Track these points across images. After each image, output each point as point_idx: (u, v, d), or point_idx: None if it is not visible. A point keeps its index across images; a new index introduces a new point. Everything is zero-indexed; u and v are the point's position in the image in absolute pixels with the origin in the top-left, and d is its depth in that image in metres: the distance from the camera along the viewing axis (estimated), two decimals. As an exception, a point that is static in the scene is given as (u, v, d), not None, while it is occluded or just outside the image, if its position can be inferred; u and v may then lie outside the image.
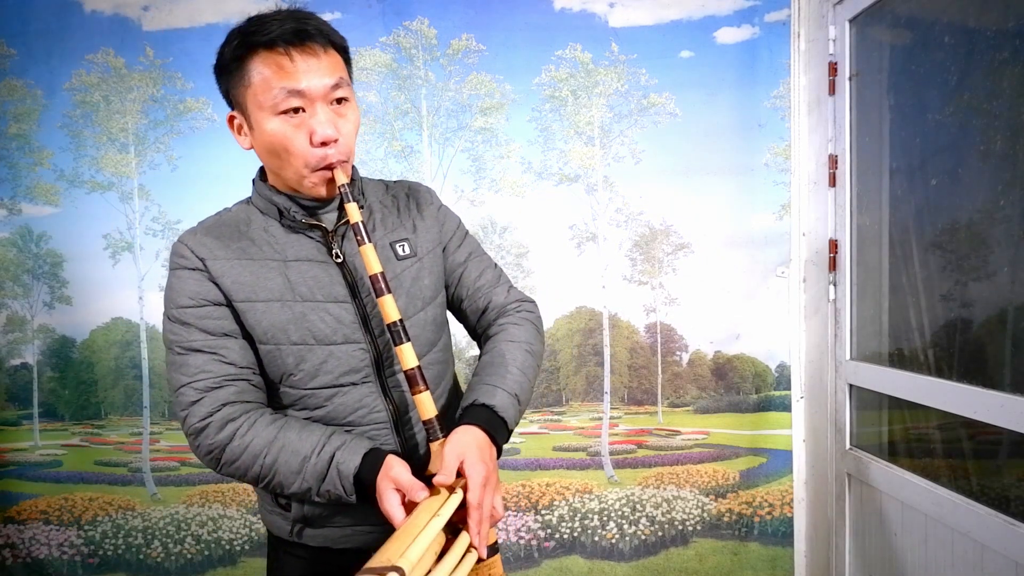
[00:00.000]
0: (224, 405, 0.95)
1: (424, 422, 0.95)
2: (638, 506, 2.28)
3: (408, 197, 1.13)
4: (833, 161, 1.97)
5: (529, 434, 2.31)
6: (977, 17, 1.50)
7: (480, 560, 0.88)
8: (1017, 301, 1.38)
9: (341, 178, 0.96)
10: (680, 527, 2.28)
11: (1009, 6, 1.39)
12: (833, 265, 1.99)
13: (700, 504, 2.28)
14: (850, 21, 1.90)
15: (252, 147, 1.01)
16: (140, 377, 2.34)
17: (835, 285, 1.99)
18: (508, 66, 2.24)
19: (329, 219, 1.03)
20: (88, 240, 2.31)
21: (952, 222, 1.58)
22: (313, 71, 0.93)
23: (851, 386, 1.93)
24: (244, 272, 0.98)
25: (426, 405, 0.94)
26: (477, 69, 2.25)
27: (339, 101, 0.97)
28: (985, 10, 1.47)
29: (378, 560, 0.72)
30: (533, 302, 1.17)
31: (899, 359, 1.76)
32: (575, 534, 2.29)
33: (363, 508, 0.93)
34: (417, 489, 0.87)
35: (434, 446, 0.95)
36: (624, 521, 2.28)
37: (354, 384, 1.01)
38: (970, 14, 1.53)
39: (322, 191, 0.99)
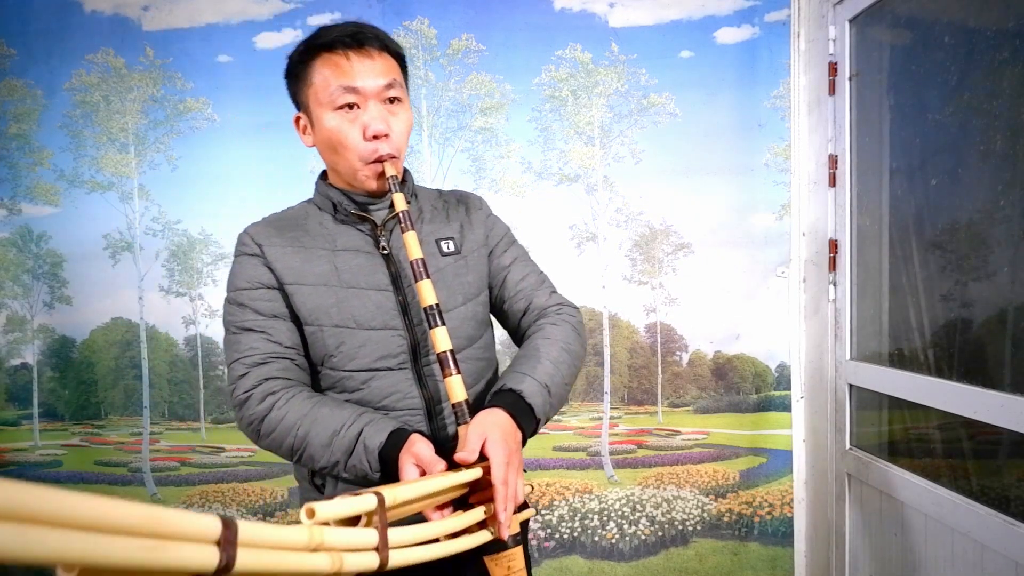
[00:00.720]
0: (267, 380, 1.01)
1: (453, 404, 0.97)
2: (638, 506, 2.28)
3: (458, 202, 1.19)
4: (833, 161, 1.97)
5: (529, 434, 2.31)
6: (977, 17, 1.50)
7: (501, 546, 0.90)
8: (1017, 301, 1.38)
9: (390, 171, 1.03)
10: (680, 527, 2.28)
11: (1009, 6, 1.39)
12: (833, 265, 1.99)
13: (700, 504, 2.28)
14: (850, 21, 1.90)
15: (314, 144, 1.11)
16: (140, 377, 2.34)
17: (835, 285, 1.99)
18: (508, 66, 2.24)
19: (379, 215, 1.10)
20: (88, 240, 2.31)
21: (952, 222, 1.58)
22: (368, 71, 1.02)
23: (851, 386, 1.93)
24: (295, 258, 1.06)
25: (456, 388, 0.97)
26: (477, 69, 2.25)
27: (392, 100, 1.05)
28: (985, 10, 1.47)
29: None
30: (575, 307, 1.18)
31: (899, 359, 1.76)
32: (575, 534, 2.29)
33: None
34: (436, 464, 0.89)
35: (461, 430, 0.97)
36: (624, 521, 2.28)
37: (390, 369, 1.05)
38: (970, 14, 1.53)
39: (373, 184, 1.06)
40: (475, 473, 0.88)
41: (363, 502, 0.68)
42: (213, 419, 2.35)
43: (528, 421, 0.97)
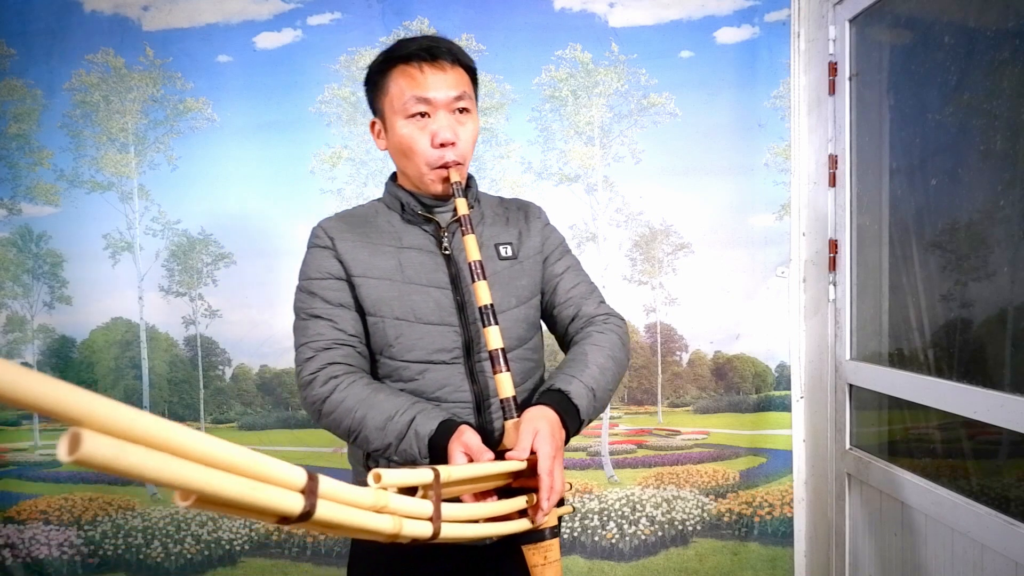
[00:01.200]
0: (330, 364, 1.08)
1: (501, 400, 1.03)
2: (638, 506, 2.28)
3: (519, 210, 1.25)
4: (833, 161, 1.97)
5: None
6: (977, 17, 1.50)
7: (540, 536, 0.98)
8: (1017, 301, 1.38)
9: (455, 176, 1.10)
10: (680, 527, 2.28)
11: (1009, 6, 1.39)
12: (833, 265, 1.99)
13: (700, 504, 2.28)
14: (850, 21, 1.90)
15: (386, 148, 1.18)
16: (140, 377, 2.34)
17: (835, 285, 1.99)
18: (508, 66, 2.24)
19: (443, 217, 1.16)
20: (88, 240, 2.31)
21: (952, 222, 1.58)
22: (439, 83, 1.09)
23: (851, 386, 1.93)
24: (363, 252, 1.13)
25: (505, 385, 1.03)
26: (477, 69, 2.24)
27: (461, 111, 1.12)
28: (985, 10, 1.47)
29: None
30: (622, 319, 1.22)
31: (899, 359, 1.76)
32: (575, 534, 2.29)
33: None
34: (483, 453, 0.95)
35: (508, 424, 1.03)
36: (624, 521, 2.28)
37: (444, 363, 1.12)
38: (970, 14, 1.53)
39: (438, 188, 1.13)
40: (521, 464, 0.94)
41: (421, 474, 0.75)
42: (213, 419, 2.35)
43: (573, 421, 1.02)
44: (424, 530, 0.72)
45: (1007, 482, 1.44)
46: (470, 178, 1.21)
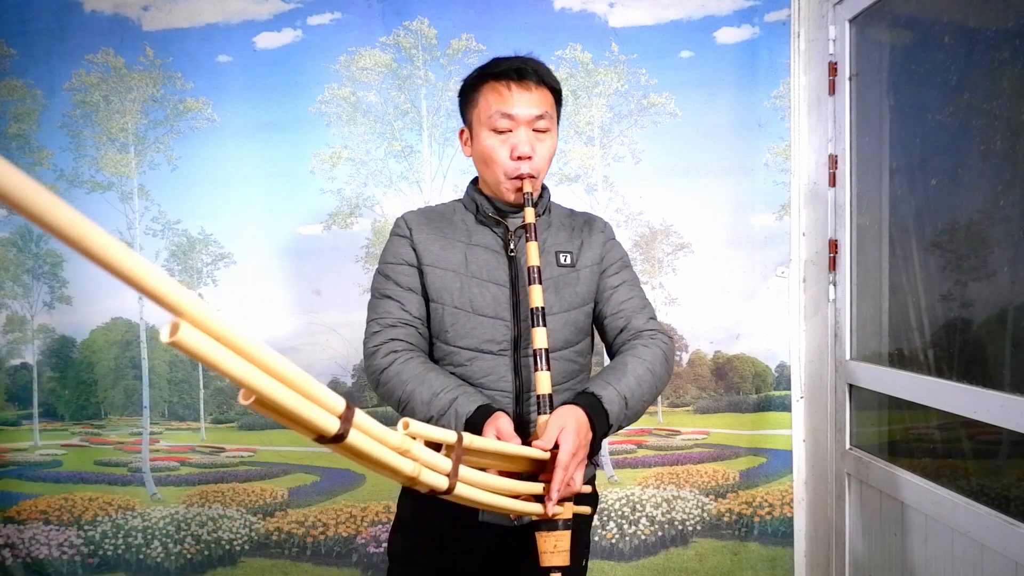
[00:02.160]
0: (393, 340, 1.20)
1: (538, 395, 1.10)
2: (638, 506, 2.28)
3: (585, 223, 1.33)
4: (833, 161, 1.97)
5: (529, 434, 2.31)
6: (977, 17, 1.50)
7: (552, 525, 1.04)
8: (1017, 301, 1.38)
9: (527, 187, 1.19)
10: (680, 527, 2.28)
11: (1009, 6, 1.39)
12: (833, 265, 1.99)
13: (700, 504, 2.28)
14: (850, 21, 1.90)
15: (471, 155, 1.28)
16: (140, 377, 2.34)
17: (835, 285, 1.99)
18: (508, 66, 2.24)
19: (513, 222, 1.26)
20: (88, 240, 2.31)
21: (952, 222, 1.58)
22: (524, 102, 1.19)
23: (851, 386, 1.93)
24: (436, 244, 1.24)
25: (543, 382, 1.10)
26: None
27: (540, 130, 1.21)
28: (985, 10, 1.47)
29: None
30: (669, 336, 1.27)
31: (899, 359, 1.76)
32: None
33: None
34: (513, 439, 1.02)
35: (541, 419, 1.10)
36: (624, 521, 2.28)
37: (492, 353, 1.21)
38: (970, 14, 1.53)
39: (512, 196, 1.23)
40: (545, 454, 1.01)
41: (446, 434, 0.83)
42: (213, 419, 2.35)
43: (601, 424, 1.08)
44: (440, 482, 0.80)
45: (1007, 482, 1.44)
46: (544, 189, 1.30)
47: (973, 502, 1.45)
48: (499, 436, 1.03)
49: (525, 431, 1.16)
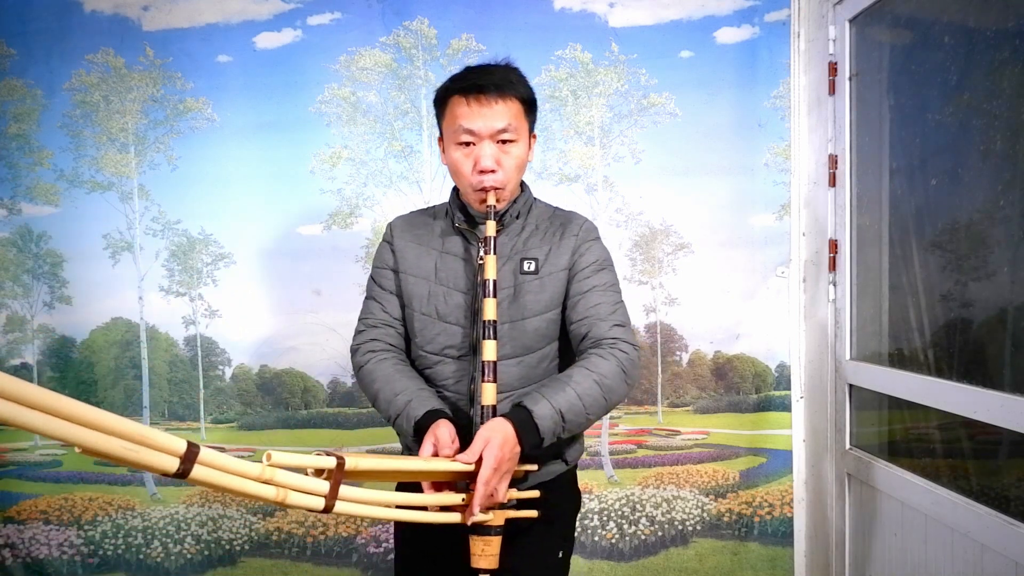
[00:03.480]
0: (373, 340, 1.30)
1: (482, 406, 1.15)
2: (638, 506, 2.28)
3: (560, 226, 1.31)
4: (833, 161, 1.97)
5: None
6: (977, 17, 1.50)
7: (485, 530, 1.10)
8: (1017, 301, 1.38)
9: (491, 199, 1.22)
10: (680, 527, 2.28)
11: (1009, 6, 1.39)
12: (833, 265, 1.99)
13: (700, 504, 2.28)
14: (850, 21, 1.90)
15: (446, 163, 1.29)
16: (140, 377, 2.34)
17: (835, 285, 1.99)
18: (508, 66, 2.24)
19: (483, 230, 1.26)
20: (88, 240, 2.31)
21: (952, 222, 1.58)
22: (484, 116, 1.20)
23: (851, 386, 1.93)
24: (413, 251, 1.31)
25: (488, 394, 1.15)
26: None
27: (505, 141, 1.22)
28: (985, 10, 1.47)
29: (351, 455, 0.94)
30: (632, 345, 1.22)
31: (899, 359, 1.76)
32: (575, 534, 2.29)
33: None
34: (446, 447, 1.09)
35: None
36: (624, 521, 2.28)
37: (453, 358, 1.27)
38: (970, 14, 1.53)
39: (479, 207, 1.25)
40: (468, 467, 1.05)
41: (320, 461, 0.88)
42: (213, 419, 2.35)
43: (530, 438, 1.09)
44: (315, 503, 0.86)
45: (1007, 482, 1.44)
46: (523, 191, 1.33)
47: (973, 502, 1.45)
48: (436, 444, 1.09)
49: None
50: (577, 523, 2.28)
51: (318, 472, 0.89)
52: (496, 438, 1.05)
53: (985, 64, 1.46)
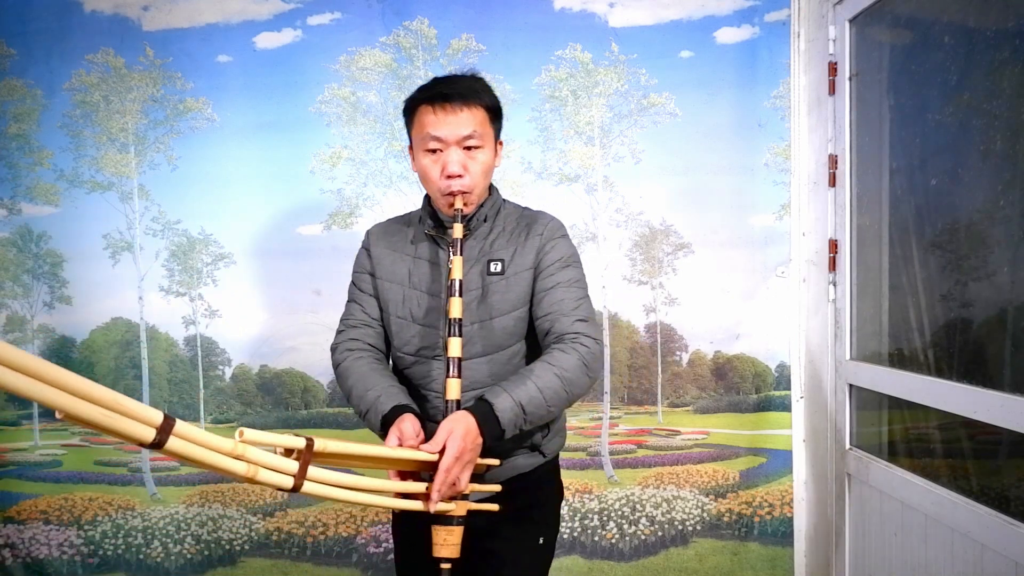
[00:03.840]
0: (351, 339, 1.37)
1: (447, 401, 1.19)
2: (638, 506, 2.28)
3: (526, 227, 1.35)
4: (833, 161, 1.97)
5: (529, 434, 2.31)
6: (977, 17, 1.50)
7: (448, 520, 1.14)
8: (1017, 301, 1.38)
9: (458, 203, 1.27)
10: (680, 527, 2.28)
11: (1009, 6, 1.39)
12: (833, 265, 1.99)
13: (700, 504, 2.28)
14: (850, 21, 1.90)
15: (416, 171, 1.34)
16: (140, 377, 2.34)
17: (835, 285, 1.99)
18: (508, 66, 2.24)
19: (451, 233, 1.29)
20: (88, 240, 2.31)
21: (952, 222, 1.58)
22: (450, 124, 1.25)
23: (851, 386, 1.93)
24: (388, 257, 1.38)
25: (453, 389, 1.19)
26: (477, 69, 2.24)
27: (471, 148, 1.27)
28: (985, 10, 1.47)
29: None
30: (594, 340, 1.26)
31: (899, 359, 1.76)
32: (575, 534, 2.29)
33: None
34: (410, 439, 1.13)
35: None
36: (624, 521, 2.28)
37: (428, 358, 1.33)
38: (970, 14, 1.53)
39: (447, 211, 1.30)
40: (431, 457, 1.09)
41: (290, 440, 0.91)
42: (213, 419, 2.35)
43: (491, 430, 1.14)
44: (283, 481, 0.89)
45: (1007, 482, 1.44)
46: (492, 194, 1.37)
47: (973, 502, 1.45)
48: (401, 437, 1.14)
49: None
50: (577, 523, 2.29)
51: (287, 452, 0.92)
52: (459, 429, 1.10)
53: (985, 64, 1.46)
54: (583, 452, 2.30)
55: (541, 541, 1.38)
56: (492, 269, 1.31)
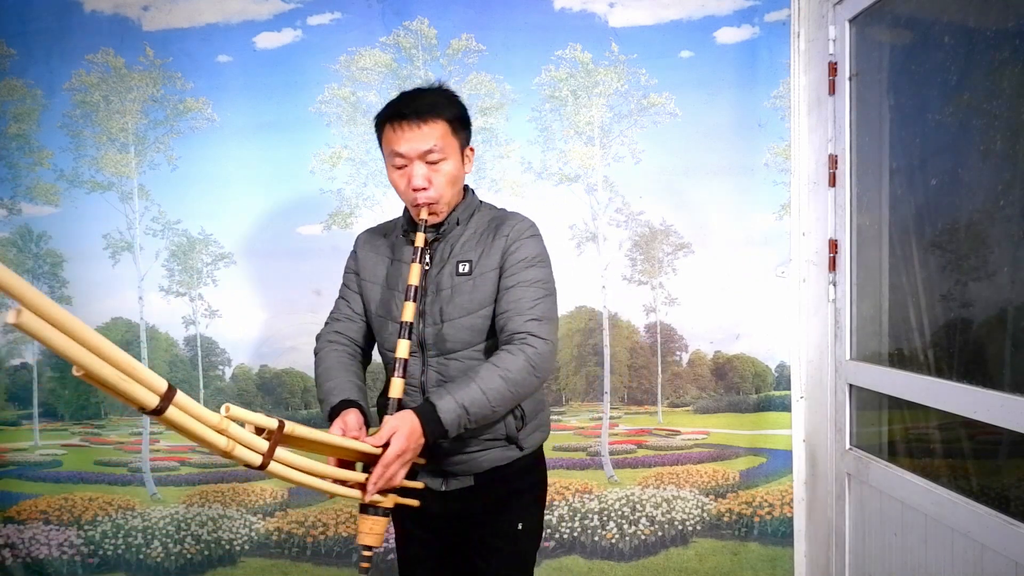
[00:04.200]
0: (334, 332, 1.49)
1: (389, 399, 1.28)
2: (638, 506, 2.28)
3: (495, 229, 1.39)
4: (833, 161, 1.97)
5: (529, 434, 2.31)
6: (977, 17, 1.50)
7: (375, 511, 1.22)
8: (1017, 301, 1.38)
9: (424, 214, 1.34)
10: (680, 527, 2.28)
11: (1009, 6, 1.39)
12: (833, 265, 1.99)
13: (700, 504, 2.28)
14: (850, 21, 1.90)
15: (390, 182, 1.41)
16: (140, 377, 2.34)
17: (835, 285, 1.99)
18: (508, 66, 2.24)
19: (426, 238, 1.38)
20: (88, 240, 2.31)
21: (952, 222, 1.58)
22: (412, 140, 1.30)
23: (851, 386, 1.93)
24: (371, 260, 1.47)
25: (396, 388, 1.28)
26: (477, 69, 2.25)
27: (434, 161, 1.32)
28: (985, 10, 1.47)
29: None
30: (543, 339, 1.30)
31: (899, 359, 1.76)
32: (575, 534, 2.29)
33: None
34: (353, 431, 1.23)
35: (386, 419, 1.25)
36: (624, 521, 2.28)
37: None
38: (970, 14, 1.53)
39: (418, 220, 1.36)
40: (375, 450, 1.18)
41: (266, 420, 1.00)
42: (213, 419, 2.35)
43: (433, 429, 1.21)
44: (253, 459, 0.97)
45: (1007, 482, 1.44)
46: (467, 196, 1.43)
47: (973, 502, 1.45)
48: (344, 428, 1.23)
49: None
50: (577, 523, 2.29)
51: (259, 431, 0.99)
52: (404, 428, 1.18)
53: (985, 64, 1.46)
54: (583, 452, 2.30)
55: (520, 527, 1.43)
56: (460, 270, 1.36)
